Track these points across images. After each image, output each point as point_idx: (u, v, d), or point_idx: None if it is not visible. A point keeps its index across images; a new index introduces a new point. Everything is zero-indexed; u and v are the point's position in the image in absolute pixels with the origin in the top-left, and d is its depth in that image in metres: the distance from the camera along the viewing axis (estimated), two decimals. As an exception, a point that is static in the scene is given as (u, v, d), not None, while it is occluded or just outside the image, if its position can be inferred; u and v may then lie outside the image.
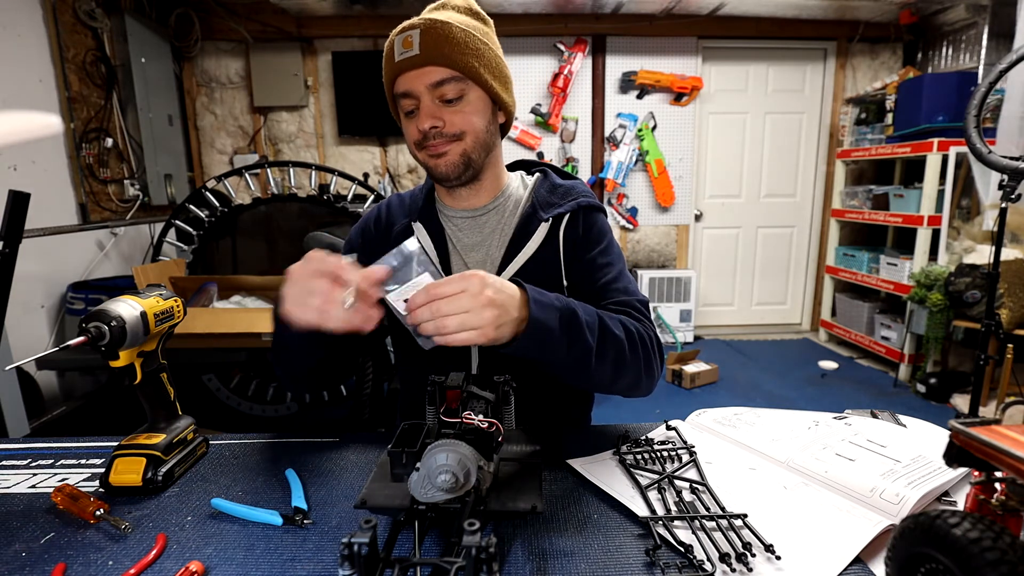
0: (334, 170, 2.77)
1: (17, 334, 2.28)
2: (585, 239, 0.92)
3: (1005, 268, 2.57)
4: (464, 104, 0.83)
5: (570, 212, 0.92)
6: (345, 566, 0.43)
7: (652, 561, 0.54)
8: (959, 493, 0.65)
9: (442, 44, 0.80)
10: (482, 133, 0.86)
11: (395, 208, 0.99)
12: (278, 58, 3.69)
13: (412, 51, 0.80)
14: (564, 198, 0.93)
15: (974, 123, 1.64)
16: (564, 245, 0.91)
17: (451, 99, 0.82)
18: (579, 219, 0.93)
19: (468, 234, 0.94)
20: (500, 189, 0.95)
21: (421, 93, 0.82)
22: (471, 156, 0.86)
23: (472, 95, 0.84)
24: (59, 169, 2.72)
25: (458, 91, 0.82)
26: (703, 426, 0.85)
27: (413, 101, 0.83)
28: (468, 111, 0.84)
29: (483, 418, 0.63)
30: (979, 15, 3.40)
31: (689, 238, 4.17)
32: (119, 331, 0.67)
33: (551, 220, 0.91)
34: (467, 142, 0.85)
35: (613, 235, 0.96)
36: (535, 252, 0.89)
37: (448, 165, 0.85)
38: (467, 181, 0.89)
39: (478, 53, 0.83)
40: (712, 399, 3.08)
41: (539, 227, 0.90)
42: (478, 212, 0.94)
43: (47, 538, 0.61)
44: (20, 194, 1.33)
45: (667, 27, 3.75)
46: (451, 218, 0.95)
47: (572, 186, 0.96)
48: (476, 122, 0.85)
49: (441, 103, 0.83)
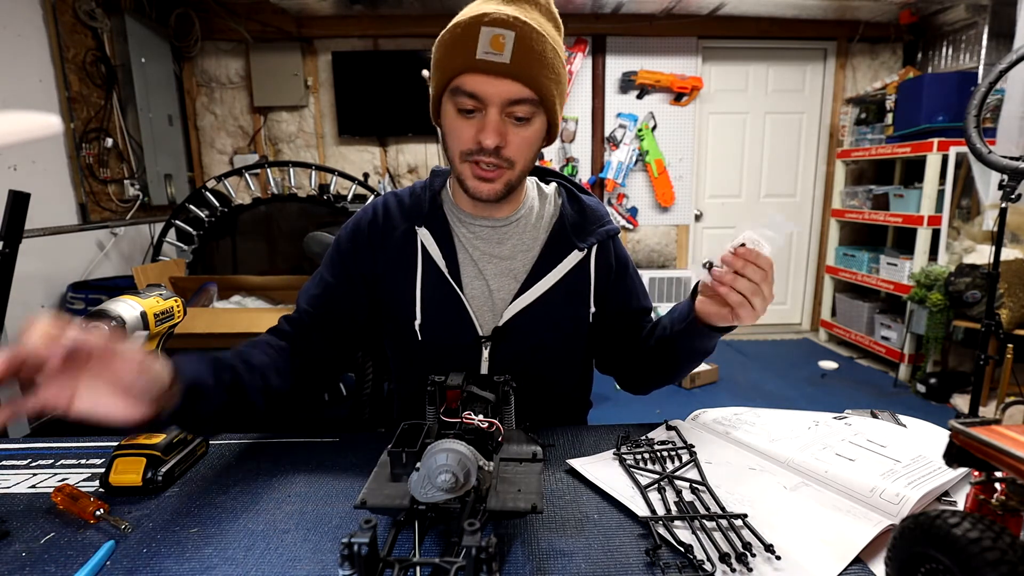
0: (334, 170, 2.77)
1: (17, 334, 2.27)
2: (618, 267, 0.94)
3: (1005, 268, 2.57)
4: (528, 128, 0.78)
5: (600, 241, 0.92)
6: (345, 566, 0.43)
7: (652, 561, 0.54)
8: (959, 493, 0.65)
9: (535, 61, 0.74)
10: (529, 164, 0.83)
11: (393, 210, 0.91)
12: (278, 58, 3.69)
13: (502, 56, 0.72)
14: (593, 223, 0.92)
15: (974, 123, 1.64)
16: (596, 273, 0.91)
17: (520, 117, 0.77)
18: (609, 247, 0.93)
19: (488, 244, 0.90)
20: (521, 200, 0.92)
21: (493, 104, 0.75)
22: (514, 186, 0.83)
23: (538, 121, 0.79)
24: (59, 169, 2.72)
25: (530, 113, 0.77)
26: (703, 426, 0.85)
27: (477, 104, 0.75)
28: (529, 136, 0.79)
29: (483, 418, 0.64)
30: (979, 15, 3.40)
31: (689, 238, 4.17)
32: (119, 331, 0.67)
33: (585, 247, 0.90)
34: (515, 171, 0.81)
35: None
36: (567, 274, 0.89)
37: (491, 192, 0.81)
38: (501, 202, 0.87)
39: (559, 78, 0.78)
40: (712, 399, 3.08)
41: (572, 253, 0.89)
42: (499, 223, 0.89)
43: (47, 538, 0.60)
44: (20, 194, 1.33)
45: (667, 27, 3.75)
46: (467, 223, 0.90)
47: (596, 207, 0.95)
48: (532, 151, 0.81)
49: (508, 119, 0.77)
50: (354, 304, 0.90)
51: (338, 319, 0.89)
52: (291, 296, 2.15)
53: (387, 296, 0.90)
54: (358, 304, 0.90)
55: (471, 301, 0.87)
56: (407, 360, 0.95)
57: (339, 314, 0.89)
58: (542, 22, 0.77)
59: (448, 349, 0.89)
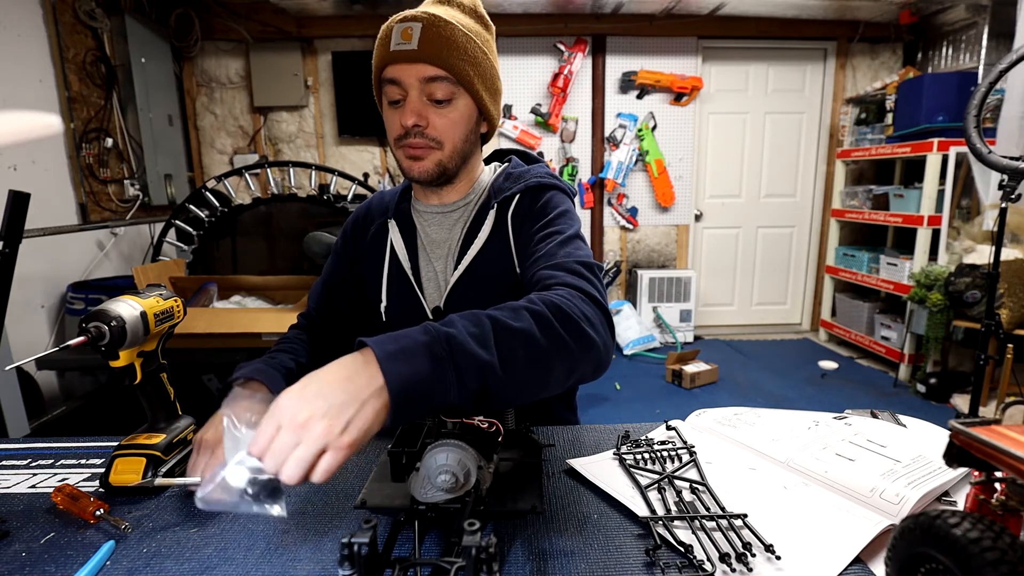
0: (334, 170, 2.77)
1: (17, 334, 2.27)
2: (531, 217, 0.88)
3: (1005, 268, 2.57)
4: (451, 109, 0.83)
5: (518, 194, 0.89)
6: (345, 566, 0.43)
7: (652, 561, 0.54)
8: (959, 493, 0.65)
9: (442, 45, 0.79)
10: (460, 143, 0.86)
11: (375, 206, 1.01)
12: (278, 58, 3.69)
13: (410, 44, 0.78)
14: (516, 182, 0.90)
15: (974, 123, 1.64)
16: (513, 228, 0.88)
17: (440, 100, 0.81)
18: (527, 199, 0.89)
19: (436, 230, 0.94)
20: (472, 186, 0.95)
21: (410, 86, 0.80)
22: (447, 166, 0.86)
23: (461, 102, 0.83)
24: (59, 169, 2.72)
25: (448, 93, 0.81)
26: (703, 426, 0.85)
27: (400, 91, 0.81)
28: (453, 117, 0.83)
29: (483, 418, 0.63)
30: (979, 15, 3.40)
31: (689, 238, 4.17)
32: (119, 331, 0.67)
33: (497, 206, 0.89)
34: (445, 152, 0.85)
35: (570, 209, 0.89)
36: (487, 241, 0.88)
37: (422, 171, 0.85)
38: (440, 184, 0.90)
39: (475, 61, 0.82)
40: (712, 399, 3.08)
41: (488, 215, 0.89)
42: (447, 208, 0.94)
43: (47, 538, 0.60)
44: (20, 194, 1.33)
45: (667, 27, 3.75)
46: (422, 214, 0.96)
47: (527, 170, 0.93)
48: (457, 132, 0.84)
49: (429, 101, 0.81)
50: (349, 297, 1.00)
51: (338, 313, 1.00)
52: (291, 296, 2.15)
53: (365, 283, 0.99)
54: (352, 297, 1.00)
55: (425, 284, 0.94)
56: None
57: (341, 308, 1.00)
58: (458, 17, 0.83)
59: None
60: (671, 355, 3.36)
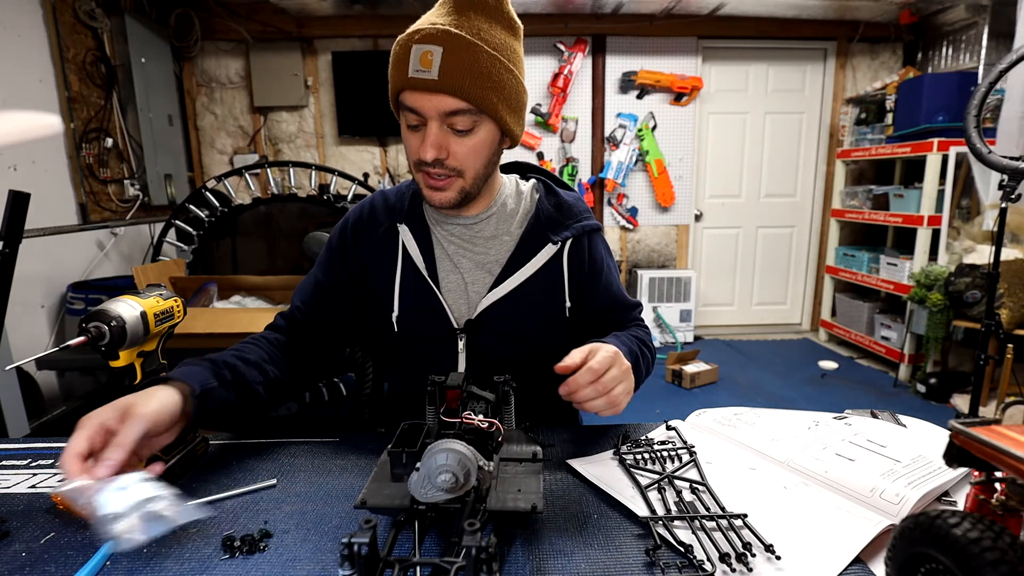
0: (334, 170, 2.77)
1: (17, 334, 2.28)
2: (591, 264, 0.94)
3: (1005, 268, 2.57)
4: (472, 137, 0.79)
5: (574, 235, 0.92)
6: (345, 566, 0.43)
7: (652, 561, 0.54)
8: (959, 493, 0.65)
9: (464, 74, 0.74)
10: (483, 169, 0.83)
11: (379, 208, 0.94)
12: (278, 58, 3.69)
13: (430, 73, 0.73)
14: (569, 218, 0.92)
15: (974, 123, 1.64)
16: (569, 268, 0.91)
17: (461, 129, 0.78)
18: (584, 242, 0.93)
19: (461, 242, 0.92)
20: (493, 197, 0.93)
21: (431, 118, 0.77)
22: (469, 191, 0.84)
23: (483, 129, 0.80)
24: (59, 169, 2.72)
25: (470, 124, 0.78)
26: (703, 426, 0.85)
27: (419, 119, 0.78)
28: (475, 145, 0.80)
29: (483, 418, 0.63)
30: (979, 15, 3.40)
31: (689, 238, 4.17)
32: (119, 331, 0.67)
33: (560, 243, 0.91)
34: (467, 179, 0.82)
35: (607, 246, 1.01)
36: (538, 270, 0.90)
37: (443, 201, 0.83)
38: (461, 207, 0.88)
39: (500, 85, 0.77)
40: (712, 399, 3.08)
41: (545, 247, 0.90)
42: (471, 220, 0.91)
43: (47, 538, 0.60)
44: (20, 194, 1.33)
45: (667, 27, 3.75)
46: (441, 223, 0.92)
47: (574, 203, 0.95)
48: (479, 159, 0.82)
49: (449, 130, 0.78)
50: (344, 301, 0.95)
51: (329, 315, 0.94)
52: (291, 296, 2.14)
53: (370, 290, 0.94)
54: (347, 300, 0.95)
55: (446, 295, 0.91)
56: (388, 353, 0.98)
57: (330, 311, 0.94)
58: (482, 27, 0.76)
59: (425, 340, 0.92)
60: (671, 355, 3.36)
